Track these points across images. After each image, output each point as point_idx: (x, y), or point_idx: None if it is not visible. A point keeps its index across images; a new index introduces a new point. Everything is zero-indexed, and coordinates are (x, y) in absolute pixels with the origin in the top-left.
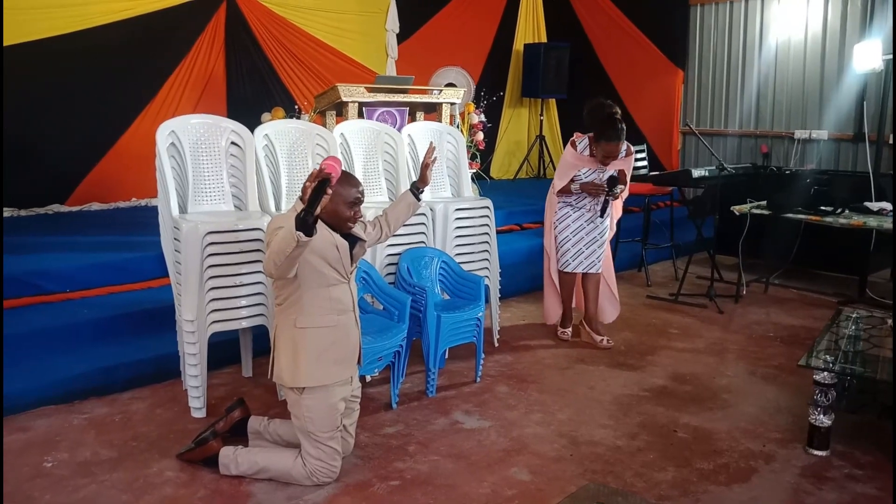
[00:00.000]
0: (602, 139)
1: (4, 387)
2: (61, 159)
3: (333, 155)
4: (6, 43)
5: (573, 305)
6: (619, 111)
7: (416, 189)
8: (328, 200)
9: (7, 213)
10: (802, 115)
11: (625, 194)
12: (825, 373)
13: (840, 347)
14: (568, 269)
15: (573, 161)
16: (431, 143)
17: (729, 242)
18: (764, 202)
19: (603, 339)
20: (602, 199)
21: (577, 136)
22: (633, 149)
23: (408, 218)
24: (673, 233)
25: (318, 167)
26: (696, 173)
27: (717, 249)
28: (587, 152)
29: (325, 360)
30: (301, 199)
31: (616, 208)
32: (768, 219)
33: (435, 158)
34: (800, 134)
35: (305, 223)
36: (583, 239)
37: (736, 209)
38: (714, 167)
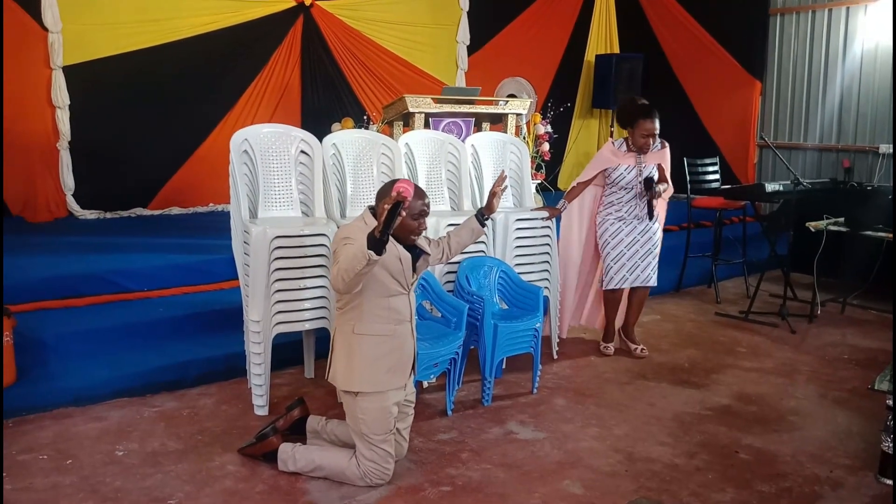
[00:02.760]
0: (638, 117)
1: (85, 377)
2: (145, 166)
3: (405, 178)
4: (99, 55)
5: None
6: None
7: (482, 216)
8: (400, 221)
9: (93, 215)
10: (888, 128)
11: (669, 192)
12: None
13: None
14: (621, 286)
15: (609, 155)
16: (503, 171)
17: (804, 260)
18: (842, 219)
19: (638, 348)
20: (644, 202)
21: (612, 138)
22: (667, 144)
23: (470, 243)
24: (745, 249)
25: (393, 192)
26: (770, 188)
27: (791, 267)
28: (624, 148)
29: (379, 368)
30: (373, 213)
31: (660, 207)
32: (846, 236)
33: (506, 187)
34: (885, 148)
35: (379, 243)
36: (638, 252)
37: (811, 225)
38: (789, 181)
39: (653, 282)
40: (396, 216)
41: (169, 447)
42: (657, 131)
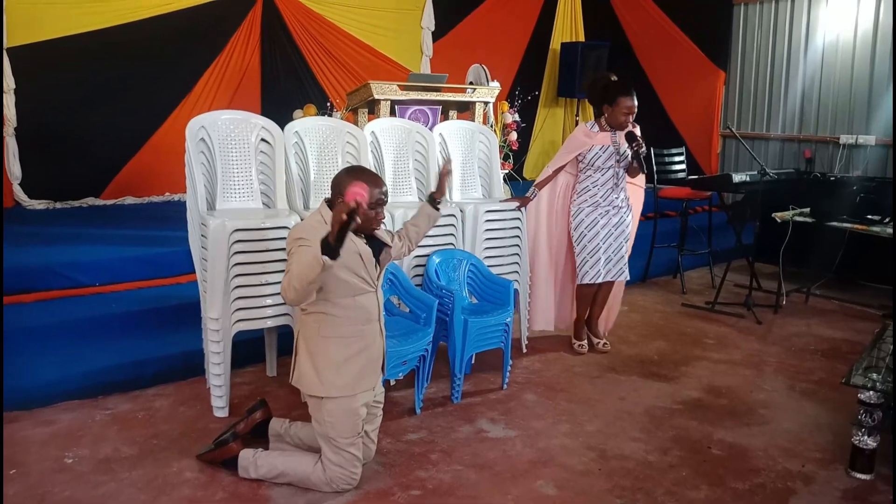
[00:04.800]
0: (619, 94)
1: (32, 378)
2: (97, 153)
3: (348, 168)
4: (47, 37)
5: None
6: None
7: (434, 200)
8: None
9: (42, 205)
10: (849, 119)
11: (642, 177)
12: (871, 392)
13: (887, 365)
14: (596, 281)
15: (582, 137)
16: (448, 157)
17: (769, 250)
18: (807, 209)
19: (600, 343)
20: (628, 161)
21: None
22: (637, 125)
23: (428, 230)
24: (711, 239)
25: (349, 198)
26: (737, 178)
27: (756, 257)
28: (596, 129)
29: (347, 372)
30: (330, 206)
31: (636, 197)
32: (811, 227)
33: (449, 171)
34: (845, 139)
35: (334, 249)
36: (611, 245)
37: (778, 216)
38: (756, 172)
39: (625, 275)
40: (352, 223)
41: (122, 453)
42: (636, 109)
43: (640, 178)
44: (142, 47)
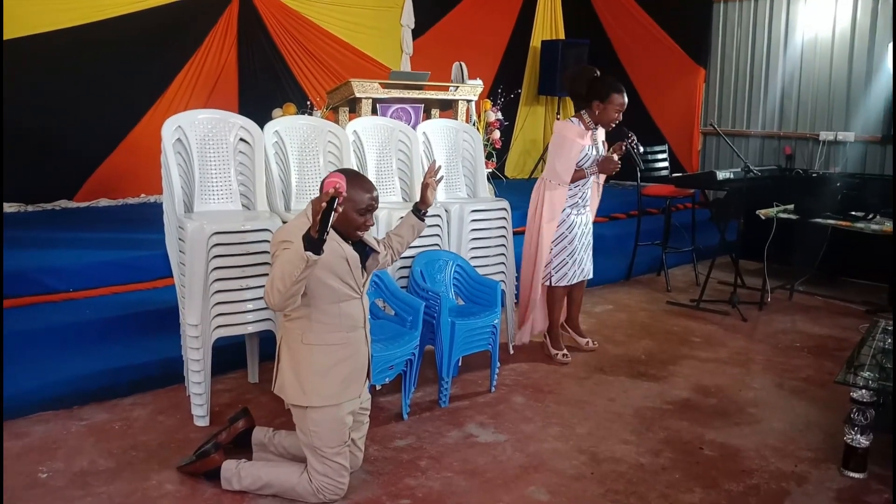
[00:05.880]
0: (612, 91)
1: (4, 388)
2: (70, 154)
3: (337, 171)
4: (16, 34)
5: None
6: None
7: (418, 210)
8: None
9: (14, 208)
10: (828, 116)
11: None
12: (863, 390)
13: (878, 362)
14: (573, 282)
15: (576, 138)
16: (434, 161)
17: (752, 247)
18: (791, 206)
19: (588, 341)
20: (597, 159)
21: (562, 121)
22: None
23: (413, 240)
24: (694, 236)
25: (327, 188)
26: (721, 175)
27: (740, 254)
28: (581, 127)
29: (332, 379)
30: (310, 217)
31: (594, 195)
32: (794, 223)
33: (441, 178)
34: (825, 135)
35: (317, 243)
36: (582, 244)
37: (762, 213)
38: (739, 169)
39: (590, 274)
40: (332, 213)
41: (99, 466)
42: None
43: (602, 176)
44: (116, 45)
